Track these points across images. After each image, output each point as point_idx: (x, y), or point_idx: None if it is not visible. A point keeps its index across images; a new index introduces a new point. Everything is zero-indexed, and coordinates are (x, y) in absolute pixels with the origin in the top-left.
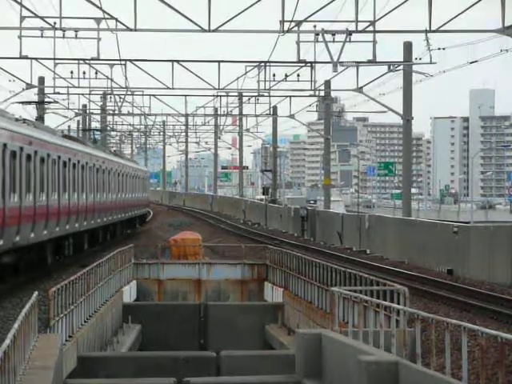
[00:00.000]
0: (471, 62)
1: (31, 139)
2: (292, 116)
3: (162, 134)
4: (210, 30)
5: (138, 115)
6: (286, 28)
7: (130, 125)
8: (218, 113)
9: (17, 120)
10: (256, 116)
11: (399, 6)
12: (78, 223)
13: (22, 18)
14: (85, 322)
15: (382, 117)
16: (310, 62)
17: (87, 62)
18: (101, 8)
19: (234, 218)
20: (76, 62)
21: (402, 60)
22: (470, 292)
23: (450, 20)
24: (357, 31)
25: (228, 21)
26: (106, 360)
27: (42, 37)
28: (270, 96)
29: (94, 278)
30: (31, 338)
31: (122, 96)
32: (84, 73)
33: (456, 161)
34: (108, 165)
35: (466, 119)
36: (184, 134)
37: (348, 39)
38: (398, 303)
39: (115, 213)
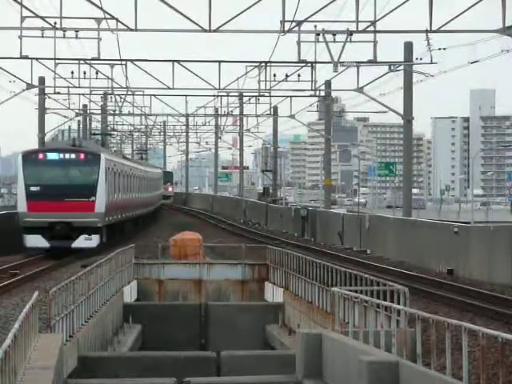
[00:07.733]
0: (472, 62)
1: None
2: (292, 116)
3: (162, 134)
4: (210, 30)
5: (138, 115)
6: (286, 28)
7: (130, 125)
8: (219, 113)
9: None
10: (256, 116)
11: (400, 6)
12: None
13: (23, 18)
14: (85, 321)
15: (382, 117)
16: (310, 62)
17: (88, 62)
18: (101, 8)
19: (234, 218)
20: (76, 62)
21: (402, 60)
22: (470, 292)
23: (450, 20)
24: (357, 31)
25: (229, 21)
26: (106, 360)
27: (42, 37)
28: (270, 96)
29: (95, 277)
30: (32, 338)
31: (123, 96)
32: (84, 73)
33: (456, 161)
34: (154, 175)
35: (466, 119)
36: (184, 134)
37: (349, 39)
38: (399, 303)
39: (156, 203)
